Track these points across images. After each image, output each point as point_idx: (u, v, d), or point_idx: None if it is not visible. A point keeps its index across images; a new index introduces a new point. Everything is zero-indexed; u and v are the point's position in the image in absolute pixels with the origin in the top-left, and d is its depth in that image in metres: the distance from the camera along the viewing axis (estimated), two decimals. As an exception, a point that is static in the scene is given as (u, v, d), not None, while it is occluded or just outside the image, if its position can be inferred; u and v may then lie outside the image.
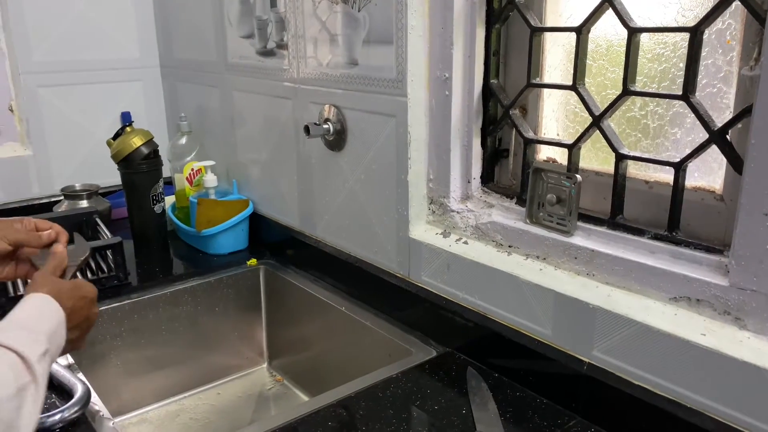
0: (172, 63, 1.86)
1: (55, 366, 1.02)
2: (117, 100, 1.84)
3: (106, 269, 1.39)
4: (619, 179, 0.91)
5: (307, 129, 1.23)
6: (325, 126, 1.24)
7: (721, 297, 0.78)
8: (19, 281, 1.29)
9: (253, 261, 1.53)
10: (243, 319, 1.52)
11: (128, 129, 1.57)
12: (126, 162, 1.53)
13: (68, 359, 1.05)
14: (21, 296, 0.83)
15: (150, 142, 1.55)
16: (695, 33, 0.79)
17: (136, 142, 1.53)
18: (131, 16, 1.84)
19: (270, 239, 1.58)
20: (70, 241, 0.97)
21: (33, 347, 0.69)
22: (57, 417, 0.91)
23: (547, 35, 1.00)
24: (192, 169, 1.62)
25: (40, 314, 0.76)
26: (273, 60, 1.41)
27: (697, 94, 0.82)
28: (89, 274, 1.37)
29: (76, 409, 0.93)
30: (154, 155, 1.56)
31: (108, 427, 0.94)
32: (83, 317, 0.84)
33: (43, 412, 0.93)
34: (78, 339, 0.85)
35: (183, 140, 1.70)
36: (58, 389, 1.00)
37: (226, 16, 1.54)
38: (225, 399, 1.46)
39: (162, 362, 1.41)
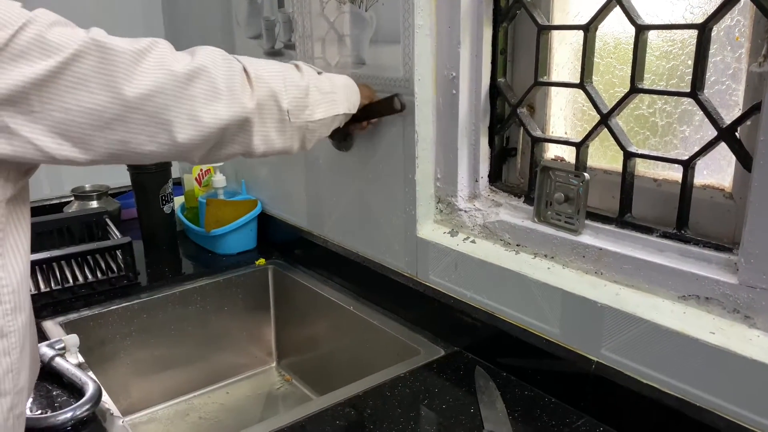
0: (180, 64, 1.87)
1: (65, 364, 1.03)
2: (126, 101, 1.85)
3: (115, 269, 1.40)
4: (627, 177, 0.91)
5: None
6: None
7: (731, 295, 0.77)
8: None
9: (261, 261, 1.53)
10: (252, 318, 1.52)
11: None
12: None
13: (78, 358, 1.06)
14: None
15: (159, 143, 1.56)
16: (703, 30, 0.79)
17: (145, 142, 1.53)
18: (140, 17, 1.85)
19: (278, 239, 1.58)
20: None
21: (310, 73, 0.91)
22: (68, 415, 0.91)
23: (555, 33, 1.00)
24: (201, 170, 1.63)
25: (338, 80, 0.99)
26: (281, 60, 1.41)
27: (705, 91, 0.81)
28: (99, 274, 1.38)
29: (87, 407, 0.93)
30: (162, 156, 1.56)
31: (118, 425, 0.94)
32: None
33: (53, 410, 0.94)
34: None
35: (192, 141, 1.70)
36: (68, 387, 1.01)
37: (234, 17, 1.55)
38: (234, 398, 1.46)
39: (171, 362, 1.41)
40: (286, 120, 0.86)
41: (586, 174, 0.94)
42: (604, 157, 0.99)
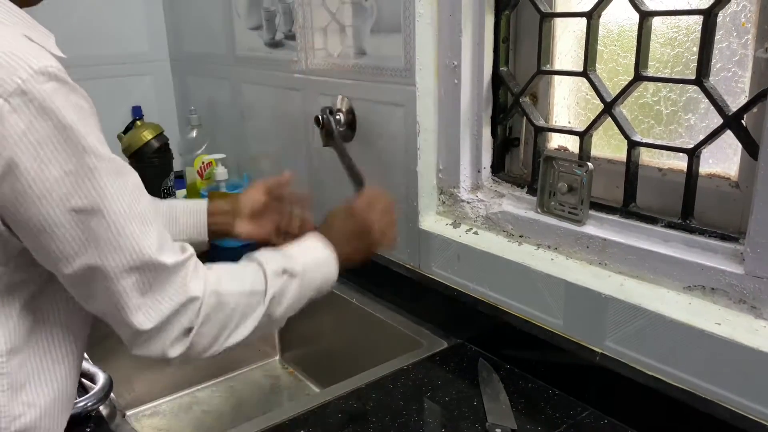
0: (181, 56, 1.86)
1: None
2: (127, 94, 1.84)
3: (117, 263, 1.39)
4: (631, 167, 0.90)
5: (317, 120, 1.22)
6: (337, 117, 1.23)
7: (737, 285, 0.76)
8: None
9: (264, 253, 1.52)
10: (254, 311, 1.51)
11: (138, 123, 1.57)
12: (136, 156, 1.53)
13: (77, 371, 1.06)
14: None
15: (160, 136, 1.55)
16: (709, 15, 0.77)
17: (147, 135, 1.53)
18: (140, 10, 1.84)
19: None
20: None
21: (272, 264, 0.79)
22: (78, 406, 0.91)
23: (558, 21, 0.99)
24: (203, 163, 1.62)
25: (300, 250, 0.85)
26: (282, 51, 1.40)
27: (711, 78, 0.80)
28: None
29: (98, 398, 0.93)
30: (164, 149, 1.56)
31: (121, 419, 0.94)
32: (361, 238, 0.92)
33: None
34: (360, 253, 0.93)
35: (193, 133, 1.70)
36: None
37: (234, 8, 1.53)
38: (237, 391, 1.46)
39: (174, 355, 1.41)
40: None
41: (589, 164, 0.93)
42: (608, 146, 0.98)
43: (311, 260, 0.84)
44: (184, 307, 0.69)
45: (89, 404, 0.92)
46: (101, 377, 0.97)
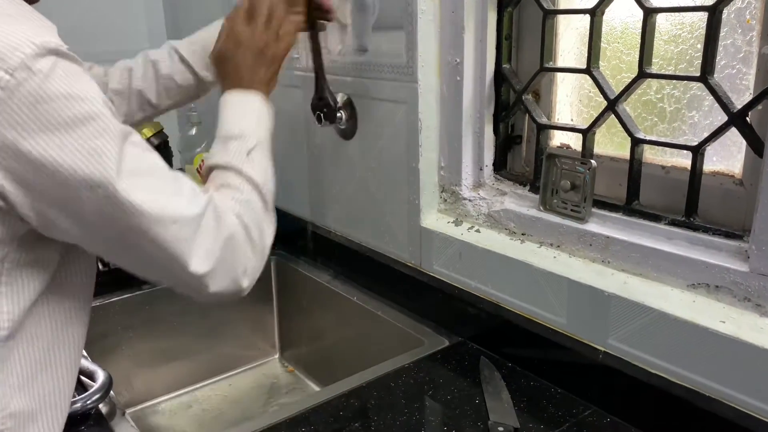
0: (181, 54, 1.85)
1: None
2: (127, 91, 1.83)
3: (117, 260, 1.38)
4: (634, 164, 0.89)
5: (319, 117, 1.21)
6: (338, 114, 1.23)
7: (741, 283, 0.76)
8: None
9: (264, 252, 1.52)
10: (254, 309, 1.51)
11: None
12: (136, 153, 1.52)
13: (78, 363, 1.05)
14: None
15: (160, 134, 1.55)
16: (714, 12, 0.77)
17: (146, 133, 1.53)
18: (140, 6, 1.83)
19: (280, 230, 1.56)
20: None
21: (236, 157, 0.81)
22: (78, 405, 0.90)
23: (561, 18, 0.98)
24: (202, 160, 1.61)
25: (235, 116, 0.85)
26: (282, 49, 1.39)
27: (715, 75, 0.80)
28: (100, 266, 1.37)
29: (98, 396, 0.92)
30: (163, 146, 1.55)
31: (120, 418, 0.94)
32: (270, 41, 0.90)
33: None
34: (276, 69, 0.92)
35: (193, 131, 1.69)
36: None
37: (234, 4, 1.52)
38: (237, 390, 1.46)
39: (174, 353, 1.40)
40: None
41: (592, 161, 0.93)
42: (611, 143, 0.98)
43: (252, 123, 0.86)
44: (229, 239, 0.73)
45: (89, 402, 0.91)
46: (101, 375, 0.96)
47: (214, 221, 0.72)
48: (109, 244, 0.68)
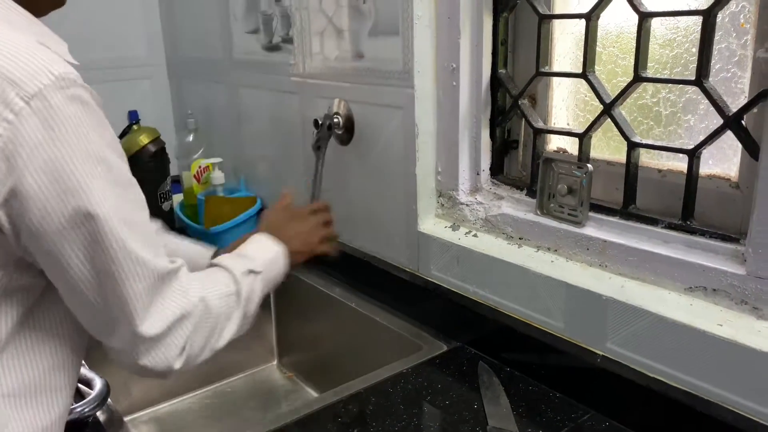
0: (178, 60, 1.86)
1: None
2: (124, 98, 1.83)
3: (114, 267, 1.38)
4: (631, 168, 0.89)
5: (316, 123, 1.21)
6: (335, 120, 1.23)
7: (738, 286, 0.76)
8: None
9: (261, 258, 1.52)
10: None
11: (135, 127, 1.57)
12: (133, 160, 1.52)
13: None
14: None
15: (157, 140, 1.55)
16: (708, 16, 0.77)
17: (143, 140, 1.53)
18: (137, 14, 1.83)
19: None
20: None
21: (238, 266, 0.83)
22: (75, 413, 0.90)
23: (556, 23, 0.99)
24: (199, 167, 1.61)
25: (253, 249, 0.90)
26: (279, 55, 1.40)
27: (710, 79, 0.80)
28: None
29: (96, 404, 0.92)
30: (161, 153, 1.55)
31: (119, 425, 0.93)
32: (301, 238, 0.99)
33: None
34: (303, 253, 0.99)
35: (190, 138, 1.69)
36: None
37: (231, 12, 1.53)
38: (235, 396, 1.45)
39: (172, 360, 1.40)
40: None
41: (589, 165, 0.93)
42: (607, 147, 0.98)
43: (267, 258, 0.90)
44: (185, 316, 0.71)
45: (86, 410, 0.91)
46: (98, 383, 0.96)
47: (180, 292, 0.71)
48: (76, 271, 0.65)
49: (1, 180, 0.58)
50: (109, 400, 0.95)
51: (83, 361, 1.03)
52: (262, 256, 0.89)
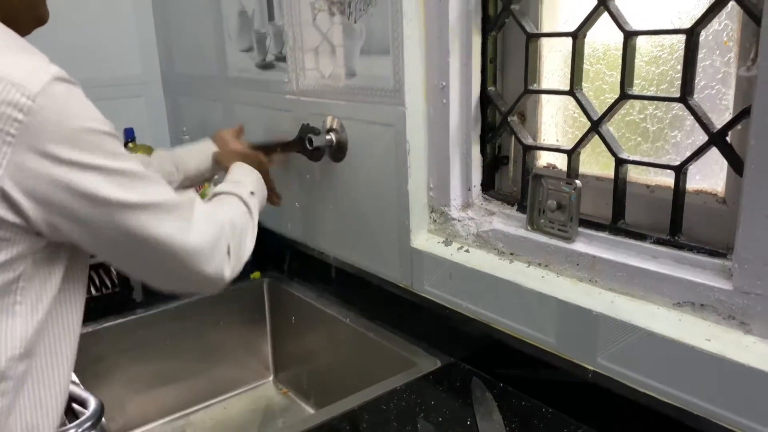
0: (174, 78, 1.87)
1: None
2: (120, 116, 1.84)
3: (110, 285, 1.39)
4: (619, 184, 0.90)
5: (310, 140, 1.22)
6: (328, 137, 1.24)
7: (726, 301, 0.76)
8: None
9: (256, 274, 1.52)
10: (248, 332, 1.51)
11: (131, 145, 1.58)
12: (129, 178, 1.53)
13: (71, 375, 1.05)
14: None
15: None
16: (691, 34, 0.78)
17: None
18: (133, 32, 1.85)
19: (273, 252, 1.57)
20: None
21: (242, 190, 0.99)
22: (71, 431, 0.89)
23: (544, 41, 1.00)
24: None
25: (244, 176, 1.08)
26: (272, 73, 1.41)
27: (695, 95, 0.81)
28: (93, 290, 1.37)
29: (89, 424, 0.92)
30: (156, 170, 1.56)
31: (111, 444, 0.93)
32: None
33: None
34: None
35: (186, 154, 1.70)
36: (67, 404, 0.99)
37: (225, 31, 1.54)
38: (231, 413, 1.45)
39: (167, 377, 1.40)
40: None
41: (578, 181, 0.94)
42: (596, 163, 0.99)
43: (255, 180, 1.08)
44: (220, 227, 0.82)
45: (80, 430, 0.91)
46: (92, 402, 0.96)
47: (206, 212, 0.81)
48: (112, 242, 0.73)
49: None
50: (103, 419, 0.95)
51: (77, 380, 1.04)
52: (251, 180, 1.06)
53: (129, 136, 1.78)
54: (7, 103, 0.62)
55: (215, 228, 0.81)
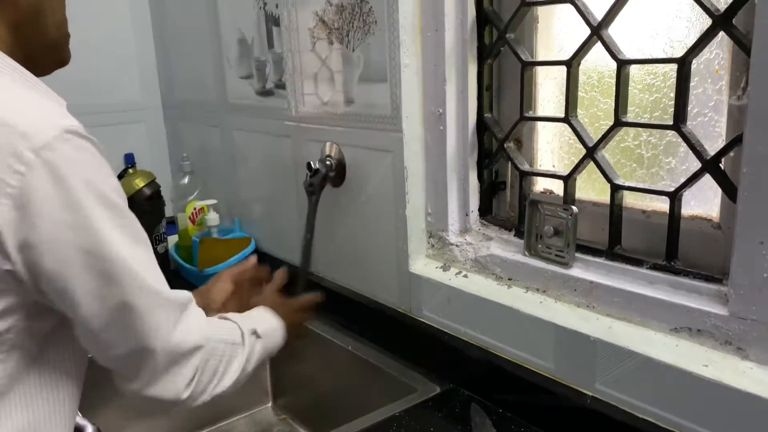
0: (174, 104, 1.89)
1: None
2: (120, 142, 1.85)
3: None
4: (615, 209, 0.91)
5: (309, 166, 1.23)
6: (327, 163, 1.25)
7: (722, 327, 0.77)
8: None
9: (256, 299, 1.52)
10: (247, 357, 1.50)
11: (131, 171, 1.59)
12: (129, 203, 1.53)
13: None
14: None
15: (152, 183, 1.57)
16: (683, 63, 0.80)
17: (139, 183, 1.55)
18: (133, 59, 1.87)
19: (272, 276, 1.57)
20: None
21: (245, 324, 0.88)
22: None
23: (539, 69, 1.01)
24: (194, 209, 1.63)
25: (259, 316, 0.96)
26: (272, 99, 1.43)
27: (689, 123, 0.82)
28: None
29: None
30: (156, 196, 1.57)
31: (109, 473, 0.93)
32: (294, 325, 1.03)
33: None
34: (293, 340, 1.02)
35: (185, 180, 1.71)
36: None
37: (225, 58, 1.57)
38: (230, 439, 1.44)
39: (166, 404, 1.39)
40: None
41: (574, 207, 0.95)
42: (592, 189, 0.99)
43: (269, 327, 0.95)
44: (197, 348, 0.76)
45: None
46: (89, 430, 0.96)
47: (196, 323, 0.77)
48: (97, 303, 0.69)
49: (15, 229, 0.61)
50: (99, 447, 0.95)
51: (76, 408, 1.03)
52: (265, 324, 0.94)
53: (129, 162, 1.79)
54: (10, 154, 0.60)
55: (191, 345, 0.75)
